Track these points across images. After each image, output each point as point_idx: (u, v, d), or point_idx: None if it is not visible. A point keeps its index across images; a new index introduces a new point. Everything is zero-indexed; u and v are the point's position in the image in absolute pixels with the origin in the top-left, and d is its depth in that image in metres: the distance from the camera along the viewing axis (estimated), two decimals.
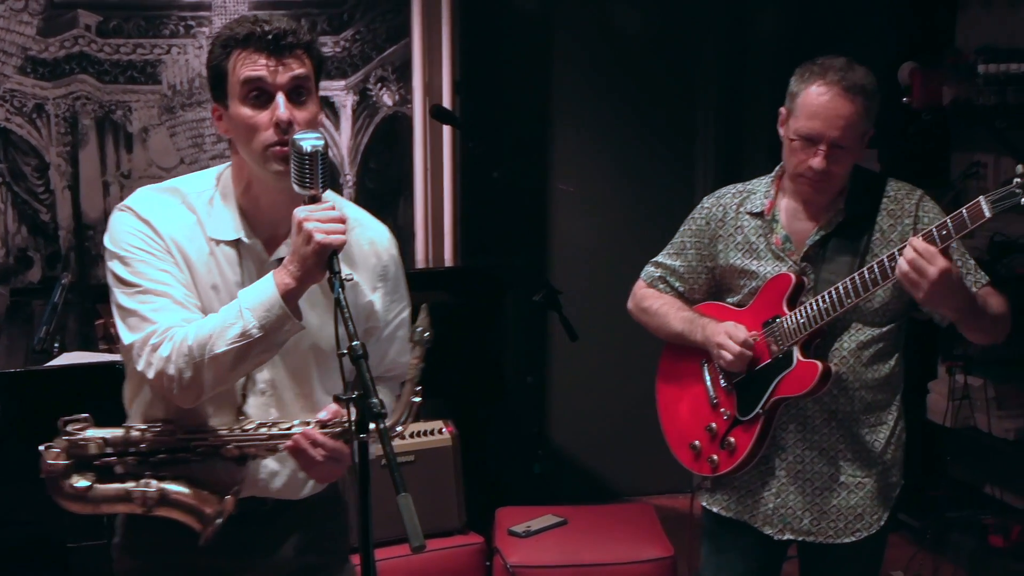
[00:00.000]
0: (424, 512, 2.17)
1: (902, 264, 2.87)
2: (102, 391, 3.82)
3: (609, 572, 4.50)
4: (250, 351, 2.44)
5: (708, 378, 3.36)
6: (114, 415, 2.83)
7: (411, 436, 4.70)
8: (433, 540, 4.52)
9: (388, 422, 2.52)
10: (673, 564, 4.49)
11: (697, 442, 3.36)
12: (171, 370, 2.46)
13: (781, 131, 3.20)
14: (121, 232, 2.55)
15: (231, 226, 2.59)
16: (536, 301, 4.95)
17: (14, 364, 4.07)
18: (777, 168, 3.30)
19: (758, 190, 3.31)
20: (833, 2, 5.77)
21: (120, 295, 2.53)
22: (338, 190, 5.29)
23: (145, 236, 2.53)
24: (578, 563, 4.53)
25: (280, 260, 2.55)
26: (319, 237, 2.37)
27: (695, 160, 6.06)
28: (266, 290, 2.43)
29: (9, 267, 5.13)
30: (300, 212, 2.41)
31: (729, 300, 3.34)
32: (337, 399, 2.35)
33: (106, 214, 5.14)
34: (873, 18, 5.80)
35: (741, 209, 3.30)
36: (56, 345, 4.13)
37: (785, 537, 3.28)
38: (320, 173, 2.42)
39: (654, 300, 3.45)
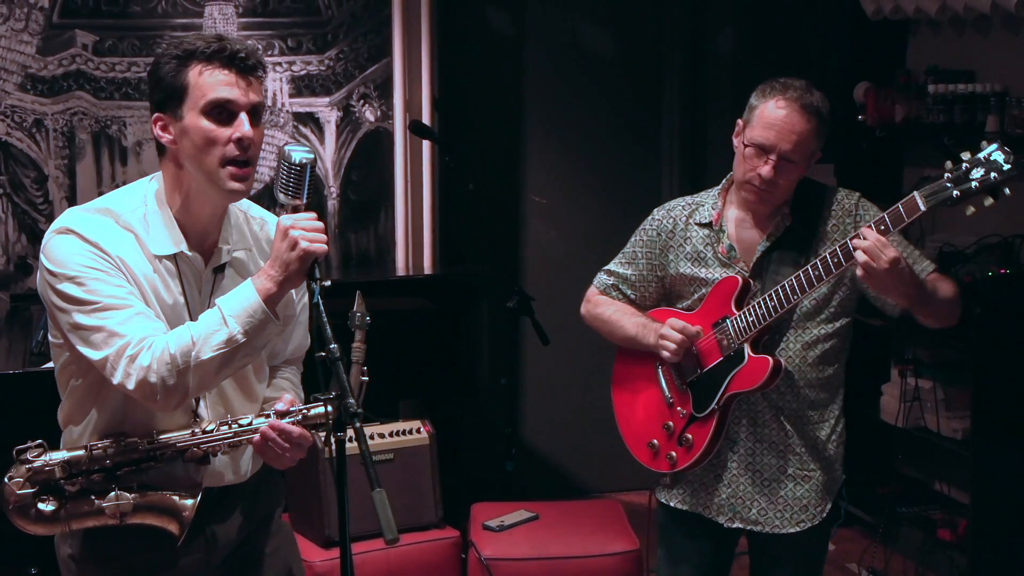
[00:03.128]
0: (403, 507, 2.20)
1: (859, 254, 2.90)
2: None
3: (578, 565, 4.50)
4: (235, 356, 2.44)
5: (663, 379, 3.38)
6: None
7: (390, 435, 4.70)
8: (411, 534, 4.53)
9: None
10: (639, 557, 4.51)
11: (655, 440, 3.38)
12: (152, 378, 2.41)
13: (736, 141, 3.24)
14: (68, 254, 2.45)
15: (170, 240, 2.54)
16: (510, 307, 4.96)
17: (14, 366, 4.05)
18: (724, 180, 3.34)
19: (706, 202, 3.34)
20: (791, 23, 5.81)
21: (77, 315, 2.44)
22: (323, 202, 5.31)
23: (95, 256, 2.45)
24: (549, 556, 4.53)
25: (215, 269, 2.58)
26: (304, 244, 2.39)
27: (660, 172, 6.09)
28: (248, 297, 2.43)
29: (9, 274, 5.13)
30: (286, 220, 2.42)
31: (680, 306, 3.37)
32: (316, 398, 2.37)
33: None
34: (829, 39, 5.85)
35: (690, 221, 3.33)
36: None
37: (735, 525, 3.31)
38: (307, 185, 2.43)
39: (607, 306, 3.47)
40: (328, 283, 2.43)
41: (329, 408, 2.39)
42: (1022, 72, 5.02)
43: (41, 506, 2.47)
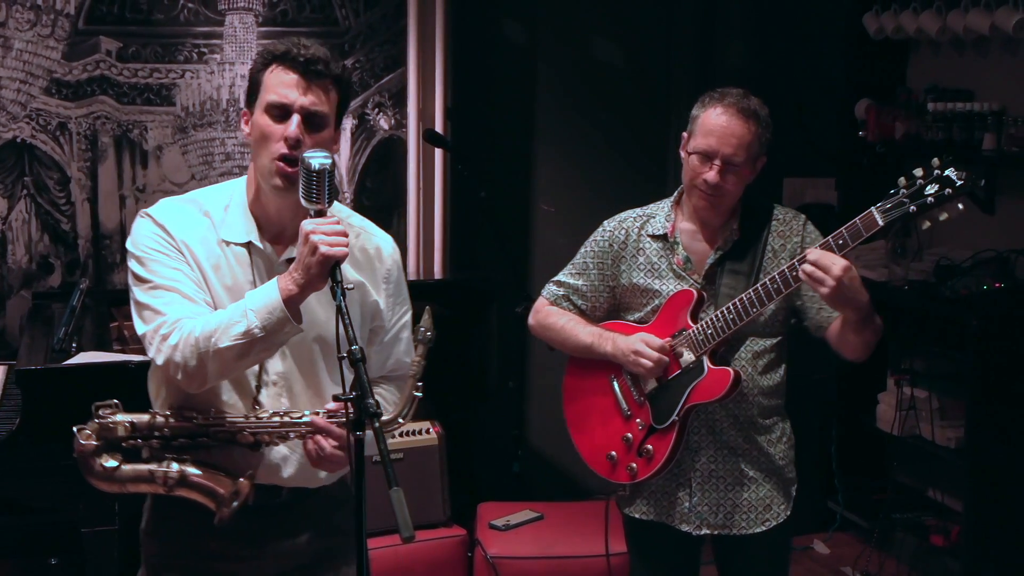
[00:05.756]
0: (411, 506, 2.19)
1: (805, 266, 2.92)
2: (116, 388, 3.84)
3: (581, 564, 4.52)
4: (252, 348, 2.47)
5: (619, 391, 3.36)
6: (127, 409, 2.84)
7: (400, 435, 4.72)
8: (419, 532, 4.53)
9: (390, 416, 2.59)
10: None
11: (613, 452, 3.36)
12: (177, 357, 2.49)
13: (682, 154, 3.25)
14: (139, 236, 2.60)
15: (243, 230, 2.62)
16: (519, 312, 4.97)
17: (35, 362, 4.06)
18: (676, 193, 3.34)
19: (658, 214, 3.35)
20: (796, 40, 5.82)
21: (136, 291, 2.59)
22: None
23: (159, 239, 2.58)
24: (553, 555, 4.55)
25: (289, 261, 2.59)
26: (323, 249, 2.39)
27: (667, 183, 6.08)
28: (270, 294, 2.46)
29: (32, 272, 5.15)
30: (307, 224, 2.43)
31: (629, 318, 3.36)
32: (336, 398, 2.38)
33: (122, 225, 5.19)
34: (833, 56, 5.86)
35: (643, 232, 3.33)
36: (74, 345, 4.13)
37: (703, 532, 3.31)
38: (327, 189, 2.44)
39: (559, 316, 3.45)
40: (351, 286, 2.45)
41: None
42: (1019, 91, 5.04)
43: (104, 462, 2.57)
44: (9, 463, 3.80)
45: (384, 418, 2.56)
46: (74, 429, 2.58)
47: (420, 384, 2.58)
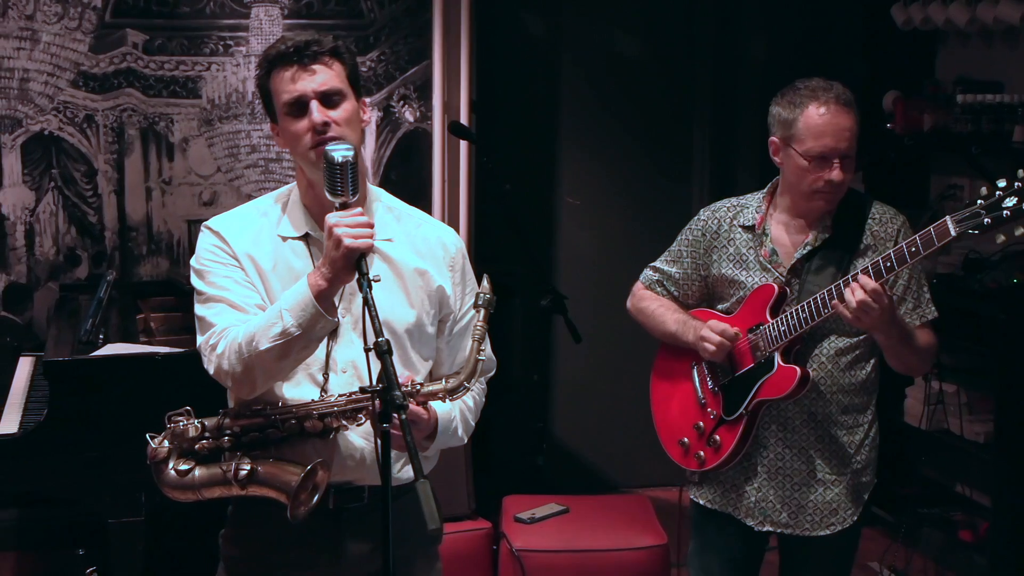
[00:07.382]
0: (437, 498, 2.20)
1: (850, 301, 2.93)
2: (143, 379, 3.89)
3: (607, 557, 4.51)
4: (291, 348, 2.47)
5: (697, 379, 3.37)
6: (154, 400, 2.85)
7: None
8: (444, 525, 4.53)
9: (456, 383, 2.61)
10: (666, 551, 4.51)
11: (686, 439, 3.38)
12: (225, 365, 2.52)
13: (777, 160, 3.19)
14: (200, 249, 2.67)
15: (300, 223, 2.65)
16: (543, 305, 4.97)
17: (62, 353, 4.08)
18: (768, 185, 3.31)
19: (750, 205, 3.31)
20: (821, 32, 5.80)
21: (196, 304, 2.64)
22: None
23: (216, 248, 2.63)
24: (578, 548, 4.54)
25: None
26: (348, 241, 2.39)
27: (691, 175, 6.09)
28: (301, 292, 2.46)
29: (59, 264, 5.18)
30: (331, 218, 2.43)
31: (720, 307, 3.35)
32: (363, 390, 2.38)
33: (148, 217, 5.23)
34: (859, 48, 5.83)
35: (735, 222, 3.30)
36: (101, 336, 4.15)
37: (765, 529, 3.29)
38: (350, 181, 2.44)
39: (651, 301, 3.46)
40: (378, 278, 2.44)
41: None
42: None
43: (177, 466, 2.56)
44: (37, 454, 3.83)
45: (449, 385, 2.60)
46: (147, 436, 2.58)
47: (483, 349, 2.60)
